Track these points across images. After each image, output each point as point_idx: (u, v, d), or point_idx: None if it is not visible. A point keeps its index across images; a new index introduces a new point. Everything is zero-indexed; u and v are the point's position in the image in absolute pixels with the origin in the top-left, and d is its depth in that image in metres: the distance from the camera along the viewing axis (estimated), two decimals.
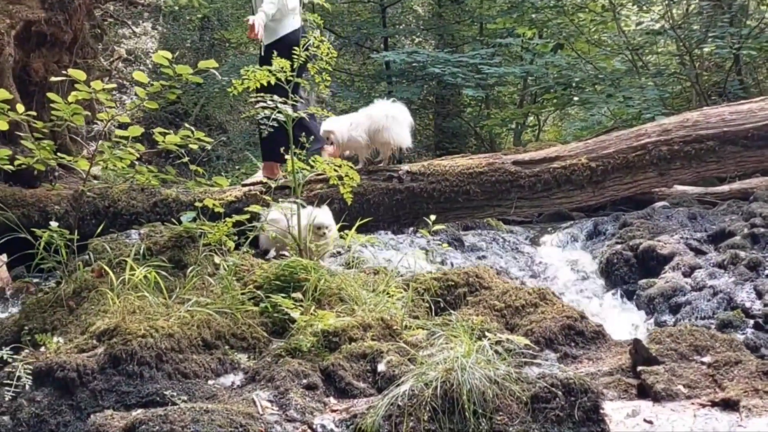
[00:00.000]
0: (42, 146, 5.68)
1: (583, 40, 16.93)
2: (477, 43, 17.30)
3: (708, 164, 7.47)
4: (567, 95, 16.21)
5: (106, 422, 4.18)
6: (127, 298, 5.03)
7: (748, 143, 7.15)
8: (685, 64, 14.84)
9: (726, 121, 7.26)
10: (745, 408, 4.44)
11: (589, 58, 16.29)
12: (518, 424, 4.06)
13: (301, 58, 6.05)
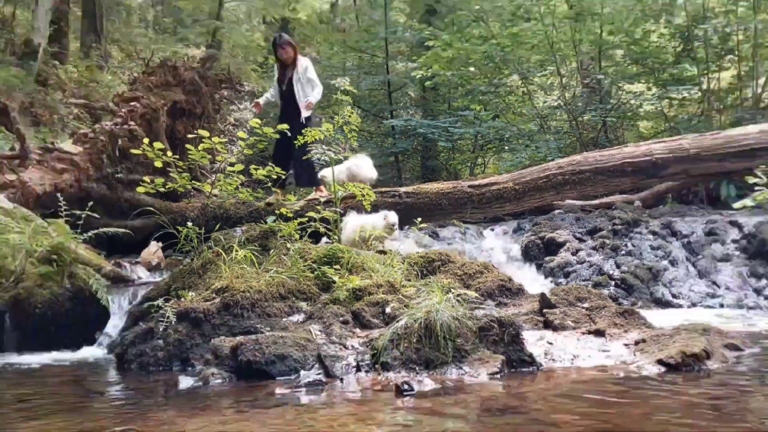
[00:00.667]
0: (182, 177, 5.86)
1: (510, 112, 17.41)
2: (447, 114, 17.47)
3: (586, 187, 7.59)
4: (501, 146, 16.86)
5: (221, 344, 4.31)
6: (233, 268, 5.15)
7: (611, 174, 7.25)
8: (573, 127, 15.08)
9: (597, 160, 7.39)
10: (608, 334, 4.64)
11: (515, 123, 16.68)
12: (470, 345, 4.11)
13: (337, 124, 6.07)
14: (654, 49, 14.79)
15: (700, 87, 14.05)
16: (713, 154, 6.91)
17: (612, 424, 2.75)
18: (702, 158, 6.96)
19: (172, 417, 3.12)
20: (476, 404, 3.20)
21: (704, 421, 2.69)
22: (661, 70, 14.84)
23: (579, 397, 3.34)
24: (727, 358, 3.98)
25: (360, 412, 3.21)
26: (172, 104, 8.68)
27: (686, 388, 3.36)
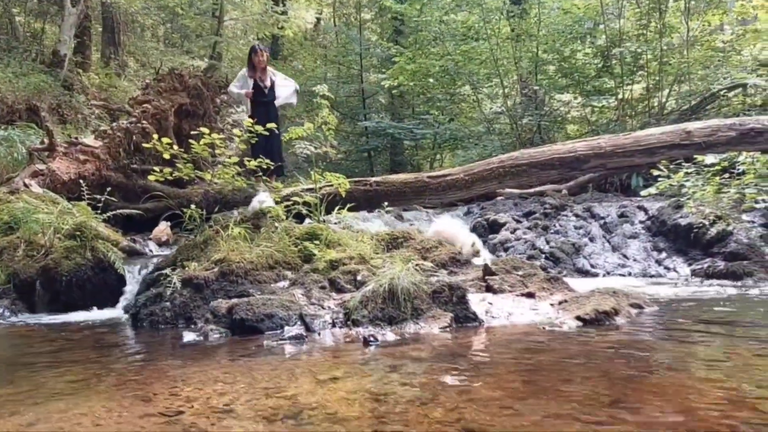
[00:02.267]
0: (186, 167, 5.81)
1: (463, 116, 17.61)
2: (411, 117, 17.54)
3: (522, 178, 7.64)
4: (455, 144, 17.01)
5: (219, 305, 4.32)
6: (230, 243, 5.14)
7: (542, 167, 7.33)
8: (513, 129, 15.24)
9: (532, 156, 7.45)
10: (538, 296, 4.70)
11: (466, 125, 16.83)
12: (426, 305, 4.16)
13: (317, 123, 6.01)
14: (580, 66, 15.03)
15: (617, 97, 14.25)
16: (625, 151, 7.03)
17: (537, 364, 2.82)
18: (616, 154, 7.07)
19: (176, 364, 3.12)
20: (429, 351, 3.25)
21: (610, 360, 2.77)
22: (585, 83, 15.02)
23: (512, 345, 3.42)
24: (631, 315, 4.08)
25: (333, 357, 3.25)
26: (178, 106, 8.56)
27: (598, 338, 3.45)
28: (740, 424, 1.87)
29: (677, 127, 7.14)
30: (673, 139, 6.90)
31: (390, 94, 18.74)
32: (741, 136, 6.64)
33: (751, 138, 6.62)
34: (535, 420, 1.98)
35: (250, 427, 2.00)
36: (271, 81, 7.91)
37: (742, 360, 2.75)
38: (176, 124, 8.49)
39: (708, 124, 7.03)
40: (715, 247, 7.27)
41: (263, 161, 5.88)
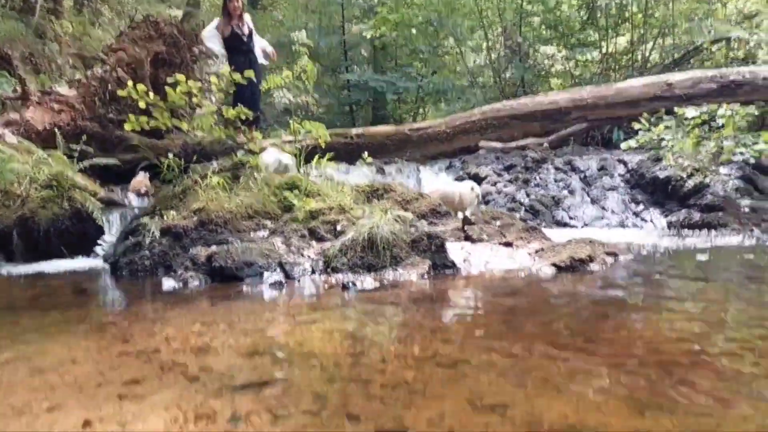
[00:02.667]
0: (163, 116, 5.69)
1: (446, 69, 17.40)
2: (394, 70, 17.29)
3: (504, 130, 7.57)
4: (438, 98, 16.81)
5: (198, 253, 4.32)
6: (208, 193, 5.09)
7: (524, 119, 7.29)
8: (497, 82, 15.18)
9: (513, 108, 7.36)
10: (515, 245, 4.74)
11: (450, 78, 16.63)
12: (405, 253, 4.19)
13: (296, 72, 5.91)
14: (564, 18, 14.87)
15: (601, 50, 14.18)
16: (606, 103, 7.01)
17: (512, 306, 2.88)
18: (598, 106, 7.06)
19: (155, 308, 3.14)
20: (406, 295, 3.29)
21: (583, 303, 2.84)
22: (570, 36, 14.91)
23: (489, 290, 3.47)
24: (606, 262, 4.15)
25: (312, 301, 3.28)
26: (154, 55, 8.34)
27: (572, 283, 3.52)
28: (700, 355, 1.94)
29: (659, 78, 7.13)
30: (655, 90, 6.89)
31: (372, 46, 18.43)
32: (722, 88, 6.66)
33: (732, 90, 6.64)
34: (509, 354, 2.03)
35: (227, 362, 2.03)
36: (249, 28, 7.72)
37: (710, 302, 2.83)
38: (152, 74, 8.29)
39: (689, 75, 7.03)
40: (691, 199, 7.38)
41: (242, 110, 5.79)
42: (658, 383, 1.70)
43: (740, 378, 1.72)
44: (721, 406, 1.53)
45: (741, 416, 1.46)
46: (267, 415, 1.56)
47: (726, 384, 1.68)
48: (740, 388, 1.65)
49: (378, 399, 1.65)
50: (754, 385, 1.67)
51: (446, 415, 1.52)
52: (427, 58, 17.40)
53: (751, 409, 1.50)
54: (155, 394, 1.75)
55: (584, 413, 1.51)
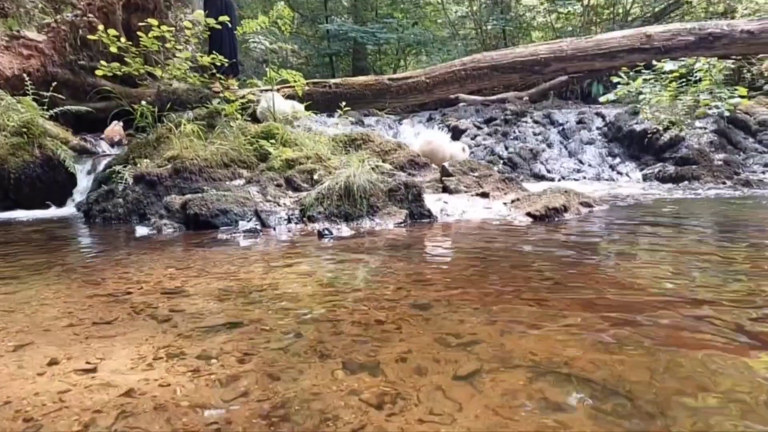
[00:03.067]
0: (135, 61, 5.54)
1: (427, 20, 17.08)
2: (374, 21, 16.96)
3: (484, 81, 7.44)
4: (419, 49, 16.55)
5: (172, 201, 4.29)
6: (183, 141, 5.01)
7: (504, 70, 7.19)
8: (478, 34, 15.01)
9: (494, 58, 7.22)
10: (492, 196, 4.76)
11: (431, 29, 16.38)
12: (381, 202, 4.20)
13: (272, 17, 5.74)
14: None
15: (582, 2, 14.02)
16: (585, 54, 6.95)
17: (486, 253, 2.88)
18: (577, 58, 6.99)
19: (128, 254, 3.10)
20: (382, 242, 3.29)
21: (555, 250, 2.85)
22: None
23: (463, 238, 3.48)
24: (580, 212, 4.18)
25: (287, 248, 3.26)
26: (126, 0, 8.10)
27: (545, 231, 3.54)
28: (667, 298, 1.96)
29: (638, 30, 7.07)
30: (634, 42, 6.84)
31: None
32: (700, 40, 6.63)
33: (709, 43, 6.62)
34: (480, 297, 2.04)
35: (199, 304, 2.02)
36: None
37: (680, 249, 2.86)
38: (125, 19, 8.03)
39: (668, 27, 6.98)
40: (666, 152, 7.43)
41: (217, 57, 5.65)
42: (624, 324, 1.72)
43: (704, 319, 1.75)
44: (686, 345, 1.55)
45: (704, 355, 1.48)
46: (237, 354, 1.55)
47: (691, 324, 1.71)
48: (703, 327, 1.67)
49: (350, 337, 1.65)
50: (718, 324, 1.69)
51: (415, 351, 1.53)
52: (408, 8, 17.11)
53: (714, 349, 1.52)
54: (124, 335, 1.73)
55: (551, 350, 1.52)
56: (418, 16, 17.60)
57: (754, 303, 1.89)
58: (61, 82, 7.13)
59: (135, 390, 1.35)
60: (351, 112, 7.81)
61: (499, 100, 11.28)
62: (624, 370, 1.38)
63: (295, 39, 17.58)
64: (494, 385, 1.32)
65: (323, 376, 1.40)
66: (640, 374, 1.36)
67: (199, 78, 6.09)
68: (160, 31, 5.36)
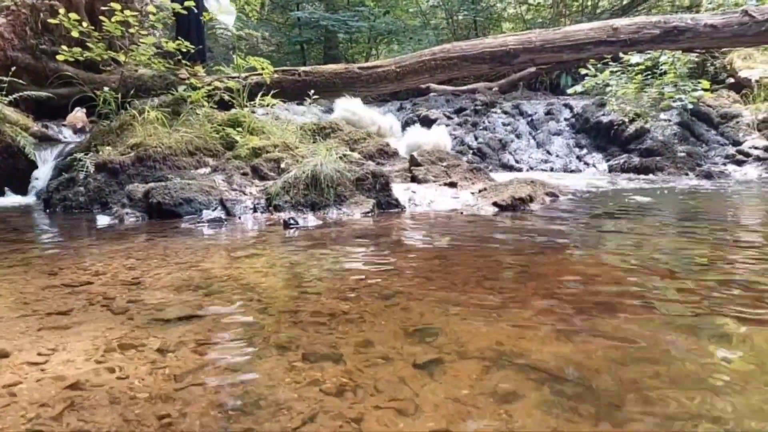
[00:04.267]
0: (98, 46, 5.40)
1: (399, 8, 17.02)
2: (346, 9, 16.82)
3: (453, 71, 7.37)
4: (390, 38, 16.48)
5: (135, 189, 4.22)
6: (147, 128, 4.91)
7: (473, 61, 7.17)
8: (449, 24, 15.02)
9: (463, 49, 7.17)
10: (459, 186, 4.77)
11: (402, 19, 16.35)
12: (349, 192, 4.18)
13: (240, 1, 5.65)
14: None
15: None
16: (554, 46, 6.99)
17: (451, 242, 2.89)
18: (545, 49, 7.02)
19: (87, 244, 3.03)
20: (349, 232, 3.27)
21: (520, 240, 2.87)
22: None
23: (430, 228, 3.48)
24: (546, 202, 4.22)
25: (252, 238, 3.23)
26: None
27: (511, 220, 3.56)
28: (629, 287, 1.99)
29: (605, 23, 7.12)
30: (601, 35, 6.90)
31: None
32: (665, 33, 6.71)
33: (674, 36, 6.71)
34: (444, 286, 2.04)
35: (158, 295, 1.98)
36: None
37: (641, 238, 2.90)
38: (88, 3, 7.82)
39: (634, 21, 7.06)
40: (632, 143, 7.54)
41: (182, 43, 5.55)
42: (586, 313, 1.73)
43: (665, 307, 1.77)
44: (647, 334, 1.57)
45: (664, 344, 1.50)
46: (194, 345, 1.52)
47: (653, 314, 1.73)
48: (664, 317, 1.70)
49: (311, 327, 1.64)
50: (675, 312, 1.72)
51: (376, 341, 1.52)
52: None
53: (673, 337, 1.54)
54: (80, 326, 1.69)
55: (512, 339, 1.53)
56: (389, 5, 17.53)
57: (716, 290, 1.93)
58: (21, 66, 6.93)
59: (87, 382, 1.32)
60: (321, 100, 7.76)
61: (470, 90, 11.30)
62: (582, 359, 1.40)
63: (266, 26, 17.36)
64: (454, 374, 1.32)
65: (282, 366, 1.38)
66: (597, 363, 1.37)
67: (165, 64, 5.96)
68: (123, 16, 5.23)
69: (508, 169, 7.66)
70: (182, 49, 5.59)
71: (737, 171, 6.66)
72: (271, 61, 6.09)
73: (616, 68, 8.01)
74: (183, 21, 6.09)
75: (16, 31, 7.34)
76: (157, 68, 5.85)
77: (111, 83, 6.88)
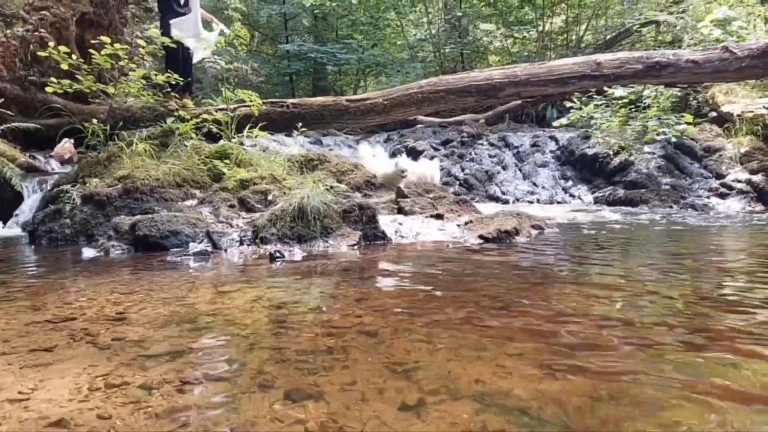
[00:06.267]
0: (87, 78, 5.43)
1: (387, 42, 17.29)
2: (334, 41, 17.06)
3: (440, 104, 7.46)
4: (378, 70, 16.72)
5: (121, 221, 4.20)
6: (135, 160, 4.91)
7: (460, 94, 7.26)
8: (436, 57, 15.27)
9: (449, 82, 7.28)
10: (446, 218, 4.79)
11: (390, 51, 16.60)
12: (335, 224, 4.18)
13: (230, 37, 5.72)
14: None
15: (537, 29, 14.41)
16: (538, 80, 7.12)
17: (437, 276, 2.90)
18: (530, 83, 7.15)
19: (72, 277, 3.02)
20: (335, 265, 3.28)
21: (505, 273, 2.89)
22: (508, 13, 15.09)
23: (416, 260, 3.50)
24: (531, 235, 4.26)
25: (238, 272, 3.23)
26: (80, 15, 7.93)
27: (496, 253, 3.59)
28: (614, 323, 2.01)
29: (589, 58, 7.28)
30: (584, 69, 7.04)
31: (313, 16, 18.16)
32: (647, 68, 6.86)
33: (657, 71, 6.86)
34: (429, 322, 2.05)
35: (143, 332, 1.97)
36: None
37: (627, 273, 2.93)
38: (78, 35, 7.90)
39: (617, 56, 7.21)
40: (617, 176, 7.64)
41: (171, 75, 5.60)
42: (571, 349, 1.75)
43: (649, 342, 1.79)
44: (630, 370, 1.59)
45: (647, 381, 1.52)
46: (178, 383, 1.52)
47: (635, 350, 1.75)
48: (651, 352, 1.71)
49: (294, 365, 1.64)
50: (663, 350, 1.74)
51: (360, 379, 1.52)
52: (368, 30, 17.31)
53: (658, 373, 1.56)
54: (62, 363, 1.67)
55: (496, 377, 1.53)
56: (377, 37, 17.84)
57: (699, 329, 1.95)
58: (9, 98, 6.96)
59: (70, 421, 1.31)
60: (309, 132, 7.82)
61: (456, 122, 11.46)
62: (565, 398, 1.41)
63: (255, 58, 17.56)
64: (438, 416, 1.33)
65: (265, 406, 1.38)
66: (580, 401, 1.38)
67: (153, 96, 6.00)
68: (113, 49, 5.28)
69: (494, 200, 7.73)
70: (171, 81, 5.64)
71: (721, 204, 6.76)
72: (260, 92, 6.14)
73: (601, 101, 8.16)
74: (172, 54, 6.15)
75: (5, 62, 7.39)
76: (146, 100, 5.88)
77: (100, 114, 6.90)
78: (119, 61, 5.47)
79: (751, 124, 7.80)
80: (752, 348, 1.75)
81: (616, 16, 13.88)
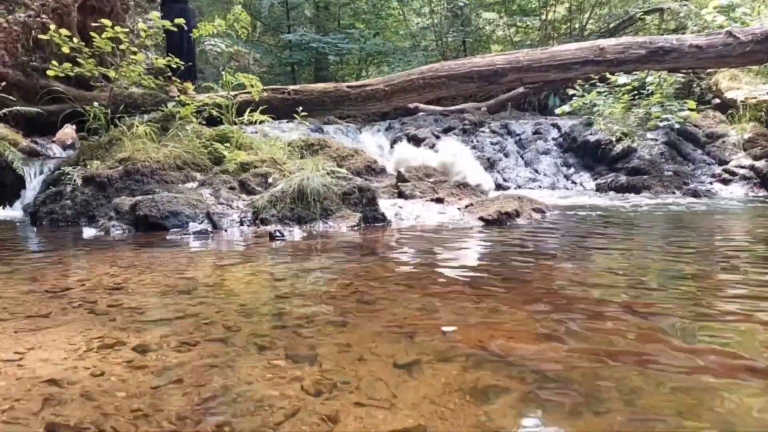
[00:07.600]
0: (88, 62, 5.42)
1: (389, 30, 17.22)
2: (336, 31, 16.98)
3: (441, 90, 7.41)
4: (381, 59, 16.64)
5: (122, 202, 4.19)
6: (135, 143, 4.91)
7: (461, 80, 7.22)
8: (439, 46, 15.22)
9: (451, 68, 7.23)
10: (446, 201, 4.77)
11: (392, 40, 16.54)
12: (335, 206, 4.17)
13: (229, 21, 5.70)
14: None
15: (540, 17, 14.33)
16: (540, 65, 7.08)
17: (435, 254, 2.90)
18: (532, 69, 7.11)
19: (72, 254, 3.02)
20: (334, 245, 3.28)
21: (503, 252, 2.89)
22: (511, 2, 15.00)
23: (415, 241, 3.49)
24: (532, 217, 4.25)
25: (237, 249, 3.23)
26: (82, 1, 7.91)
27: (496, 235, 3.58)
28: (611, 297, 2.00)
29: (592, 43, 7.23)
30: (587, 55, 7.01)
31: (315, 6, 18.08)
32: (650, 54, 6.82)
33: (660, 56, 6.82)
34: (428, 293, 2.05)
35: (140, 299, 1.97)
36: None
37: (626, 254, 2.93)
38: (80, 21, 7.87)
39: (620, 41, 7.17)
40: (619, 162, 7.61)
41: (172, 60, 5.58)
42: (568, 317, 1.74)
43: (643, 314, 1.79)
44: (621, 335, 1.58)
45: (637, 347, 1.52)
46: (175, 345, 1.52)
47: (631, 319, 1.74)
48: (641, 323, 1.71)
49: (292, 330, 1.64)
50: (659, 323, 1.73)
51: (356, 342, 1.52)
52: (370, 19, 17.24)
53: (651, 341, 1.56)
54: (58, 327, 1.68)
55: (493, 339, 1.53)
56: (379, 26, 17.74)
57: (696, 305, 1.94)
58: (11, 83, 6.94)
59: (64, 379, 1.31)
60: (310, 119, 7.79)
61: (458, 110, 11.40)
62: (561, 359, 1.40)
63: (257, 48, 17.51)
64: (432, 373, 1.33)
65: (262, 365, 1.38)
66: (576, 362, 1.38)
67: (154, 80, 5.99)
68: (113, 32, 5.26)
69: (496, 187, 7.71)
70: (172, 65, 5.62)
71: (723, 190, 6.74)
72: (262, 82, 6.11)
73: (603, 89, 8.11)
74: (173, 40, 6.13)
75: (7, 48, 7.36)
76: (147, 85, 5.87)
77: (101, 100, 6.88)
78: (120, 45, 5.46)
79: (754, 110, 7.75)
80: (750, 314, 1.75)
81: (619, 4, 13.81)
